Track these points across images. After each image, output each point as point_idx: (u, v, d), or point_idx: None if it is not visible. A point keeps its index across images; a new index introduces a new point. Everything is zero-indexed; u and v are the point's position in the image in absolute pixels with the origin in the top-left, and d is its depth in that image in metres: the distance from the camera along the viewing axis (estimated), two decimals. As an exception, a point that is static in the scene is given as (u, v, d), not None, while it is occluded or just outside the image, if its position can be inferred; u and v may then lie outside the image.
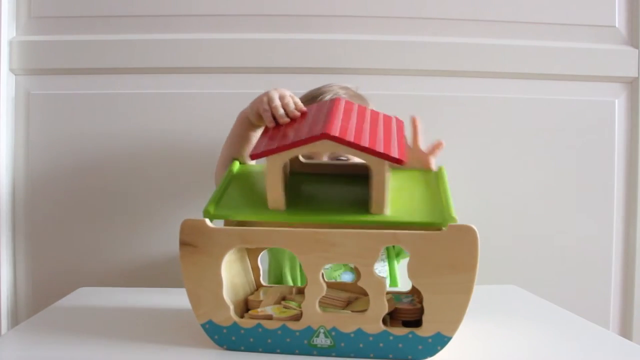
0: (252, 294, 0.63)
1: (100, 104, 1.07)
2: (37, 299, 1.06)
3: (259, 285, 0.67)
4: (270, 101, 0.66)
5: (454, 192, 1.17)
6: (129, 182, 1.07)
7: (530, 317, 0.68)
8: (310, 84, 0.95)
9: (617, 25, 1.09)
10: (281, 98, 0.66)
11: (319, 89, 0.92)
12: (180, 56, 1.06)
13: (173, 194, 1.07)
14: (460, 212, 0.64)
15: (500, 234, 1.05)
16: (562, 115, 1.09)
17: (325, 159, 0.85)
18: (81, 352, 0.52)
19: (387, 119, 0.61)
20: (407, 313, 0.55)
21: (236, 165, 0.64)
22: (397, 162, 0.50)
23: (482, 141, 1.08)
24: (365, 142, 0.50)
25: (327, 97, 0.87)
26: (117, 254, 1.07)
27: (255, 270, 0.66)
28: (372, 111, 0.62)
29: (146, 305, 0.72)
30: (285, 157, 0.53)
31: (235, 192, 0.58)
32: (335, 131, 0.50)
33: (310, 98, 0.90)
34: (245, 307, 0.60)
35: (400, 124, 0.62)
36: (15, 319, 1.07)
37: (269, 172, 0.53)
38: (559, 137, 1.09)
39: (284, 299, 0.61)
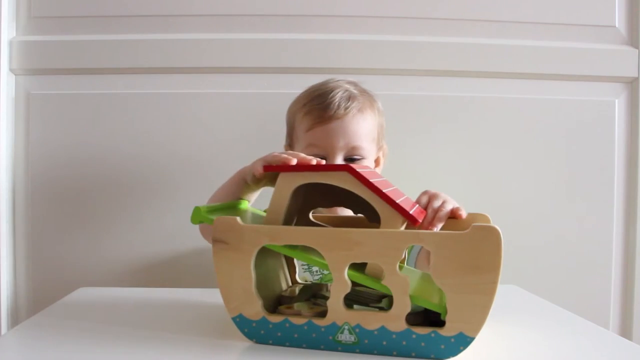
0: (286, 290, 0.65)
1: (100, 104, 1.07)
2: (37, 299, 1.06)
3: (294, 282, 0.68)
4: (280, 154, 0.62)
5: (454, 191, 1.17)
6: (128, 182, 1.07)
7: (530, 317, 0.68)
8: (309, 84, 0.95)
9: (617, 25, 1.09)
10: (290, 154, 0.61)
11: (324, 84, 0.91)
12: (181, 56, 1.06)
13: (173, 194, 1.07)
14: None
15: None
16: (562, 115, 1.09)
17: (339, 160, 0.85)
18: (81, 352, 0.52)
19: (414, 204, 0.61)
20: (435, 311, 0.55)
21: (245, 203, 0.66)
22: (411, 220, 0.50)
23: (481, 141, 1.08)
24: (385, 191, 0.50)
25: (338, 93, 0.86)
26: (117, 254, 1.07)
27: (292, 267, 0.68)
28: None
29: (146, 305, 0.72)
30: (299, 179, 0.53)
31: (234, 212, 0.60)
32: (358, 170, 0.50)
33: (319, 95, 0.88)
34: (278, 303, 0.61)
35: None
36: (15, 319, 1.07)
37: (276, 190, 0.53)
38: (559, 137, 1.09)
39: (314, 295, 0.62)
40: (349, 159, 0.86)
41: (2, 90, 1.04)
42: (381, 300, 0.58)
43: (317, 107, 0.86)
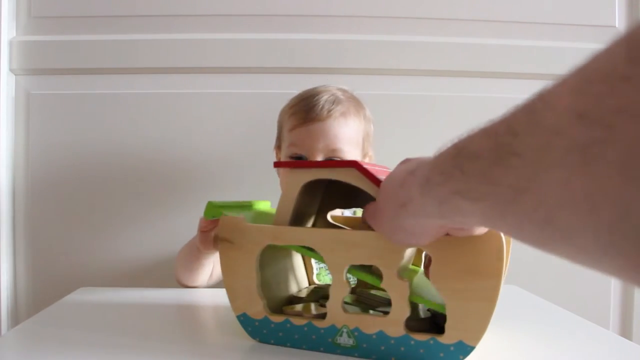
0: (300, 290, 0.64)
1: (100, 104, 1.07)
2: (37, 299, 1.06)
3: (311, 283, 0.68)
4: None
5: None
6: (128, 182, 1.07)
7: (530, 317, 0.68)
8: (309, 84, 0.95)
9: (617, 25, 1.09)
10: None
11: (315, 88, 0.92)
12: (180, 56, 1.06)
13: (173, 194, 1.07)
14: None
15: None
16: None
17: (319, 158, 0.85)
18: (81, 352, 0.52)
19: None
20: (444, 318, 0.53)
21: (259, 203, 0.66)
22: None
23: (482, 141, 1.08)
24: None
25: (324, 97, 0.87)
26: (117, 254, 1.07)
27: (309, 267, 0.68)
28: None
29: (146, 305, 0.72)
30: (307, 175, 0.52)
31: (246, 209, 0.59)
32: (365, 166, 0.50)
33: (306, 97, 0.89)
34: (290, 302, 0.61)
35: None
36: (15, 319, 1.07)
37: (285, 188, 0.53)
38: (559, 137, 1.09)
39: (324, 297, 0.62)
40: (329, 159, 0.86)
41: (2, 90, 1.04)
42: (383, 304, 0.58)
43: (302, 109, 0.88)
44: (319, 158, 0.85)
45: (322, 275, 0.86)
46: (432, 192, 0.34)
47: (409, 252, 0.51)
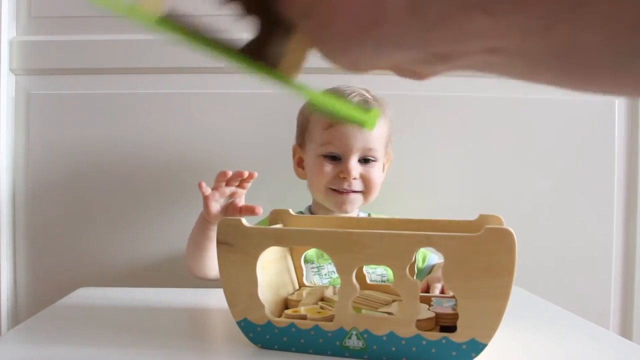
0: (293, 293, 0.63)
1: (100, 104, 1.07)
2: (37, 299, 1.06)
3: (301, 285, 0.66)
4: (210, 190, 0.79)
5: (452, 192, 1.15)
6: (128, 182, 1.07)
7: (530, 317, 0.68)
8: (309, 84, 0.95)
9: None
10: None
11: (339, 88, 0.93)
12: (180, 56, 1.06)
13: (172, 194, 1.07)
14: (461, 211, 0.64)
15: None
16: (562, 115, 1.09)
17: (354, 160, 0.87)
18: (81, 352, 0.52)
19: None
20: (445, 318, 0.53)
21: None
22: None
23: (481, 141, 1.08)
24: None
25: (356, 97, 0.89)
26: (117, 254, 1.07)
27: (298, 269, 0.66)
28: None
29: (146, 305, 0.72)
30: None
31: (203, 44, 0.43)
32: None
33: (336, 96, 0.90)
34: (285, 306, 0.60)
35: None
36: (15, 319, 1.07)
37: None
38: (558, 137, 1.09)
39: (322, 299, 0.61)
40: (363, 159, 0.89)
41: (2, 90, 1.04)
42: (391, 305, 0.57)
43: None
44: (355, 157, 0.88)
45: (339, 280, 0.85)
46: (434, 6, 0.23)
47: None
